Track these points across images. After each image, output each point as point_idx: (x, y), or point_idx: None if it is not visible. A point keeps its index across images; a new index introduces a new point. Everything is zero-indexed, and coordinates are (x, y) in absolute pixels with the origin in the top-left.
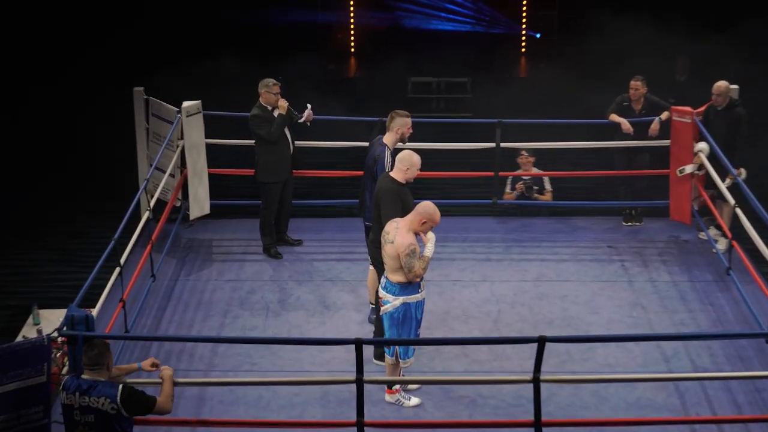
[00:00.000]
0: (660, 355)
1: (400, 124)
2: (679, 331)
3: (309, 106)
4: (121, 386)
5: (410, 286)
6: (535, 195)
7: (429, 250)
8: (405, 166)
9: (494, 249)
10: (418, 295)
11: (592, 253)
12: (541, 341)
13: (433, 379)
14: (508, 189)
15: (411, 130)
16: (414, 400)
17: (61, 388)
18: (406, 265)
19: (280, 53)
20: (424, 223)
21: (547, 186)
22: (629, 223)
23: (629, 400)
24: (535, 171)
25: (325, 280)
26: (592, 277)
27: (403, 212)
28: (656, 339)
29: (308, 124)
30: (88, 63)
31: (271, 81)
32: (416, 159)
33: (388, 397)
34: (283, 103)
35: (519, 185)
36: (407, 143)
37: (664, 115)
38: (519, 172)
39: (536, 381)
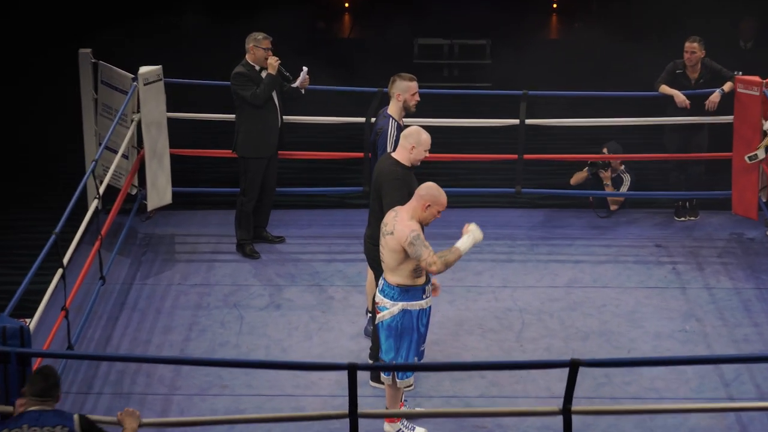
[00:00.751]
0: (718, 379)
1: (402, 88)
2: (742, 350)
3: (305, 69)
4: (76, 416)
5: (412, 289)
6: (607, 183)
7: (465, 241)
8: (410, 143)
9: (517, 248)
10: (421, 302)
11: (636, 253)
12: (574, 365)
13: (441, 411)
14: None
15: (417, 98)
16: (419, 431)
17: None
18: (414, 255)
19: (256, 7)
20: (429, 207)
21: (624, 188)
22: (682, 218)
23: None
24: (621, 170)
25: (311, 284)
26: (636, 282)
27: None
28: (714, 361)
29: (302, 91)
30: (21, 17)
31: (260, 35)
32: (425, 137)
33: (387, 427)
34: (273, 62)
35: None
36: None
37: (727, 86)
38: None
39: (567, 412)
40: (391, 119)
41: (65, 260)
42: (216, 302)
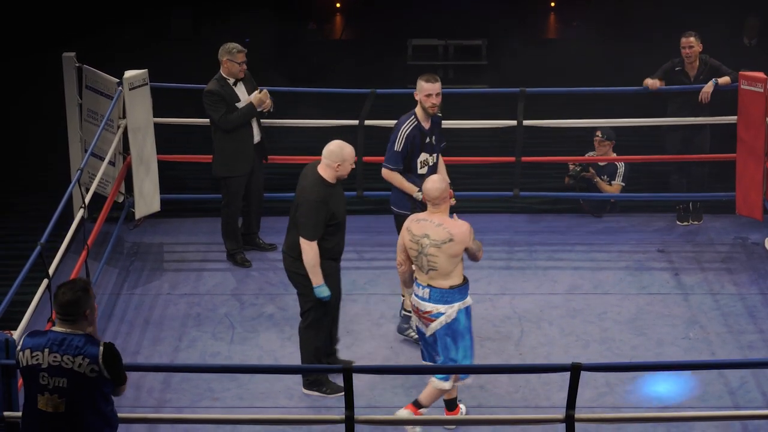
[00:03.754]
0: (723, 387)
1: (417, 88)
2: (747, 357)
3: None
4: (102, 345)
5: (465, 286)
6: (597, 180)
7: None
8: (335, 162)
9: (515, 254)
10: (469, 296)
11: (638, 259)
12: (575, 370)
13: (440, 418)
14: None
15: (433, 100)
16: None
17: (19, 348)
18: (477, 247)
19: (245, 8)
20: (445, 198)
21: (620, 178)
22: (685, 222)
23: None
24: (613, 156)
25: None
26: (638, 288)
27: (332, 223)
28: (719, 367)
29: (266, 111)
30: (3, 20)
31: (234, 47)
32: (348, 151)
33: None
34: (264, 97)
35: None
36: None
37: (723, 79)
38: (588, 156)
39: (569, 419)
40: (411, 117)
41: (51, 270)
42: (206, 312)
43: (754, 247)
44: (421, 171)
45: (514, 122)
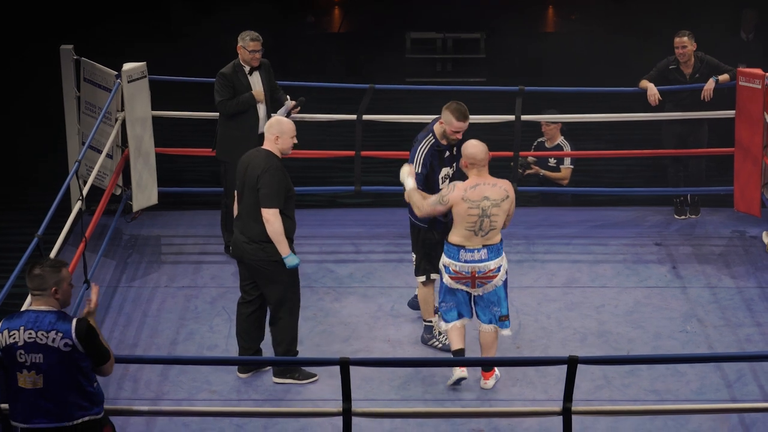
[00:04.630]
0: (721, 380)
1: (446, 120)
2: (745, 350)
3: (288, 98)
4: (75, 320)
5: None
6: (544, 173)
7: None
8: (274, 134)
9: (513, 247)
10: None
11: (635, 252)
12: (572, 362)
13: (436, 411)
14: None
15: (458, 136)
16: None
17: None
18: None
19: (245, 1)
20: (488, 158)
21: (568, 161)
22: (683, 216)
23: None
24: (560, 140)
25: (301, 286)
26: (636, 282)
27: (288, 195)
28: (716, 359)
29: (292, 114)
30: (1, 12)
31: (248, 35)
32: (287, 125)
33: (490, 382)
34: (259, 95)
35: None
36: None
37: (723, 77)
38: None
39: (567, 412)
40: (430, 134)
41: None
42: (204, 305)
43: (751, 241)
44: (442, 186)
45: (512, 117)
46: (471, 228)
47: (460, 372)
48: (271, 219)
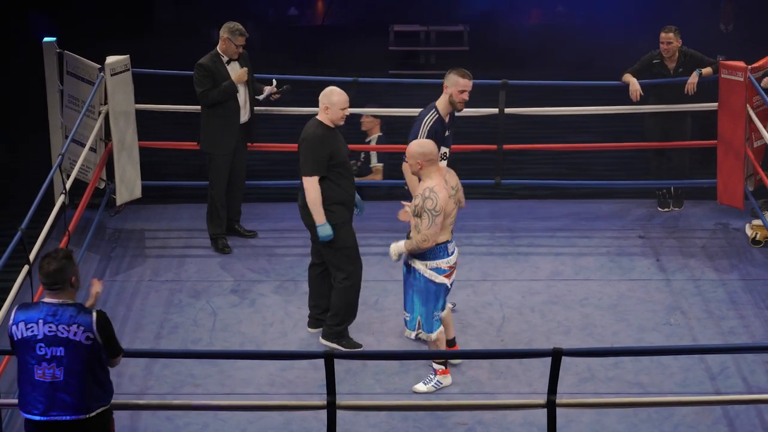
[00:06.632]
0: (704, 372)
1: (451, 82)
2: (729, 342)
3: (274, 81)
4: (95, 313)
5: None
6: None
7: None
8: (324, 104)
9: (497, 240)
10: None
11: (619, 245)
12: (556, 355)
13: (421, 404)
14: None
15: (465, 97)
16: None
17: (11, 322)
18: None
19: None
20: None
21: (374, 160)
22: (666, 208)
23: (666, 429)
24: (375, 136)
25: (286, 280)
26: (619, 274)
27: (330, 162)
28: (700, 352)
29: (272, 98)
30: None
31: (237, 29)
32: (337, 97)
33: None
34: (242, 75)
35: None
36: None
37: (706, 70)
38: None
39: (551, 405)
40: (433, 110)
41: (32, 257)
42: (188, 299)
43: (735, 233)
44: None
45: (495, 110)
46: (453, 220)
47: (449, 380)
48: (308, 186)
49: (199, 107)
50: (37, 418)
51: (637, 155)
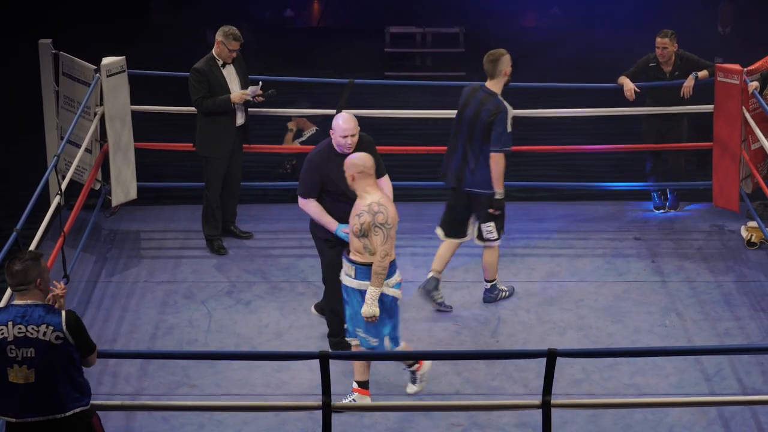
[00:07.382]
0: (699, 373)
1: (507, 63)
2: (724, 343)
3: (260, 83)
4: (64, 313)
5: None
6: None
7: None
8: (331, 129)
9: None
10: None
11: (614, 246)
12: (552, 356)
13: (416, 405)
14: None
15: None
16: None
17: None
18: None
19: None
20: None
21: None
22: (662, 210)
23: (661, 430)
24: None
25: (282, 281)
26: (615, 276)
27: (327, 189)
28: (695, 353)
29: (255, 99)
30: None
31: (231, 33)
32: (340, 123)
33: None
34: (240, 97)
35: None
36: None
37: (702, 73)
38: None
39: (546, 405)
40: (499, 96)
41: None
42: (183, 300)
43: (730, 235)
44: None
45: None
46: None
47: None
48: (302, 206)
49: (194, 109)
50: (13, 419)
51: (632, 157)
